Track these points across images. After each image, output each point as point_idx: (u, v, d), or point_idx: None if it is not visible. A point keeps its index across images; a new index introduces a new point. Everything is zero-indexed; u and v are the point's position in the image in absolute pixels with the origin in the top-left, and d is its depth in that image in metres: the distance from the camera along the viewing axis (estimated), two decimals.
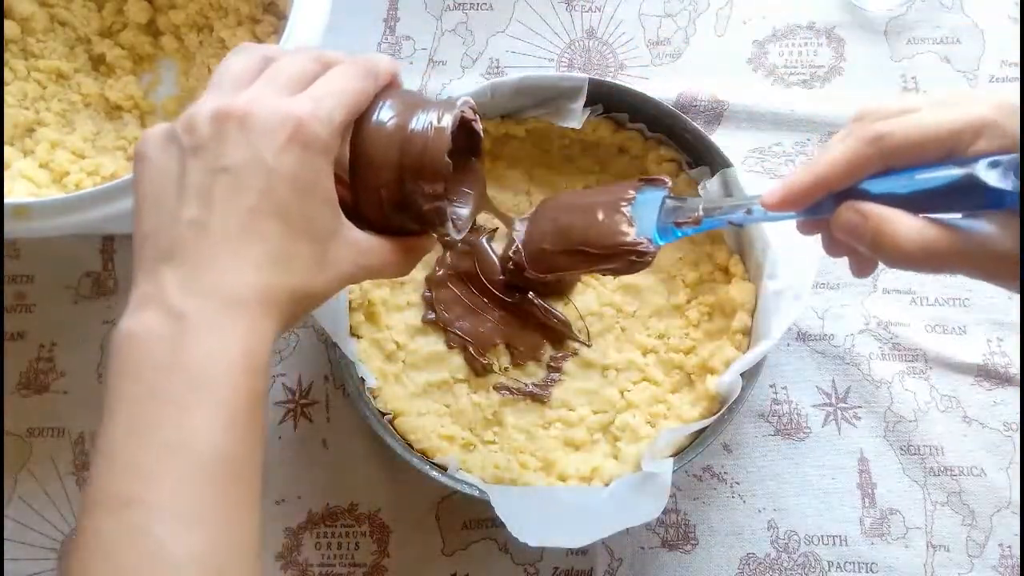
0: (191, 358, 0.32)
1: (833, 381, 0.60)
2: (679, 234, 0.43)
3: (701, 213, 0.42)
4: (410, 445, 0.54)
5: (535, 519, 0.49)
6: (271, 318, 0.34)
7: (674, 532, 0.58)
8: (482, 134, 0.43)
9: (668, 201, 0.44)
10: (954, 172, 0.34)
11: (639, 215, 0.44)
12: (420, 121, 0.39)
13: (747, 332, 0.56)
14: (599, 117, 0.60)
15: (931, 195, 0.35)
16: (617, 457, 0.56)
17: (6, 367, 0.60)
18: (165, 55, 0.66)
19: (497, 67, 0.68)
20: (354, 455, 0.59)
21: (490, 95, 0.57)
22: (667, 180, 0.45)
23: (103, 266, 0.62)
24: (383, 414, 0.55)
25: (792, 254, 0.54)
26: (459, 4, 0.69)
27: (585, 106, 0.58)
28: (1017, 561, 0.56)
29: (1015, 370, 0.60)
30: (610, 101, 0.59)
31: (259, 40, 0.64)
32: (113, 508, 0.31)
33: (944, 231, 0.35)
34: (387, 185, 0.39)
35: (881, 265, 0.62)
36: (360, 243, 0.38)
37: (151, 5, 0.65)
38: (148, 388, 0.32)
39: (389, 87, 0.40)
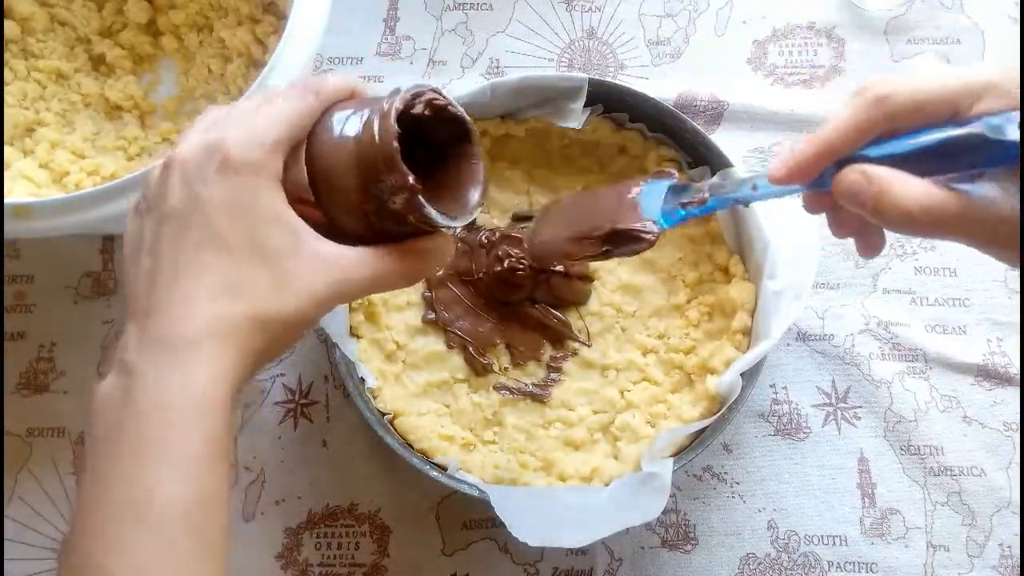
0: (137, 411, 0.33)
1: (833, 381, 0.60)
2: (683, 215, 0.44)
3: (707, 193, 0.42)
4: (410, 445, 0.54)
5: (535, 519, 0.49)
6: (230, 352, 0.34)
7: (674, 532, 0.57)
8: (464, 115, 0.39)
9: (674, 186, 0.45)
10: (956, 131, 0.34)
11: (645, 202, 0.45)
12: (367, 119, 0.36)
13: (747, 332, 0.56)
14: (599, 117, 0.60)
15: (931, 155, 0.34)
16: (617, 457, 0.56)
17: (6, 367, 0.60)
18: (165, 55, 0.66)
19: (497, 67, 0.68)
20: (354, 455, 0.59)
21: (490, 95, 0.57)
22: (674, 172, 0.46)
23: (103, 266, 0.62)
24: (383, 414, 0.55)
25: (792, 254, 0.54)
26: (459, 4, 0.69)
27: (585, 106, 0.58)
28: (1017, 561, 0.56)
29: (1015, 370, 0.60)
30: (610, 101, 0.59)
31: (259, 40, 0.64)
32: (77, 569, 0.32)
33: (949, 194, 0.34)
34: (354, 194, 0.36)
35: (881, 265, 0.62)
36: (334, 259, 0.36)
37: (151, 5, 0.65)
38: (103, 448, 0.33)
39: (346, 101, 0.38)
